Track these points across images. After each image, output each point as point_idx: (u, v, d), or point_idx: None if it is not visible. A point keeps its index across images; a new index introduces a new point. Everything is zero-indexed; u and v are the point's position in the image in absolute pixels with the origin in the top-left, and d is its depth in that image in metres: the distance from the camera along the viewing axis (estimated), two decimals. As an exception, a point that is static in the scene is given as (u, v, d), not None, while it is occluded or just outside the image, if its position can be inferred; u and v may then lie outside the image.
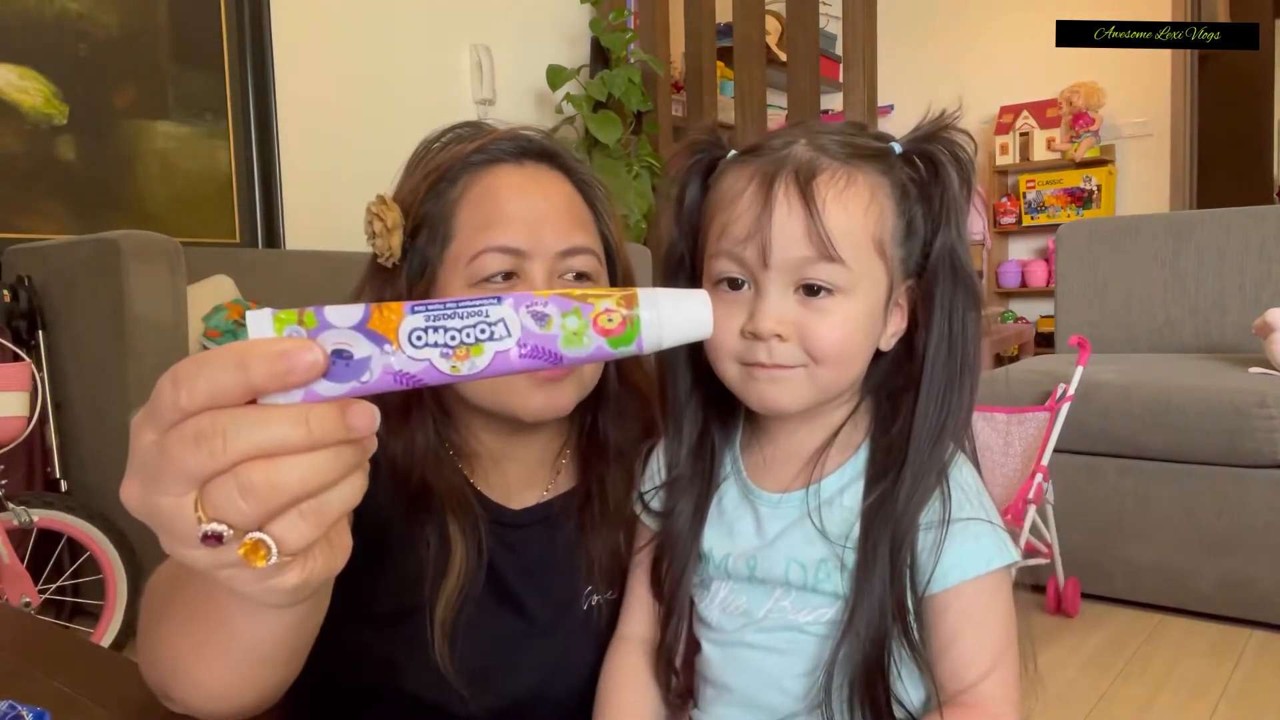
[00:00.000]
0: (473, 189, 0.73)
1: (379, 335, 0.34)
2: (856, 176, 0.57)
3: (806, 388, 0.58)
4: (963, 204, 0.59)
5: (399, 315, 0.34)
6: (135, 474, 0.36)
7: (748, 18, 3.31)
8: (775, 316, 0.56)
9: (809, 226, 0.55)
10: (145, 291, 1.88)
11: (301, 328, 0.34)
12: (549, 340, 0.35)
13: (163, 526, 0.36)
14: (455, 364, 0.35)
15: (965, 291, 0.59)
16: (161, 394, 0.35)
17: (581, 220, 0.75)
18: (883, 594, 0.56)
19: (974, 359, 0.59)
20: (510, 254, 0.70)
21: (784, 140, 0.59)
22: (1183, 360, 2.43)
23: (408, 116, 3.07)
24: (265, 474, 0.34)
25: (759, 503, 0.63)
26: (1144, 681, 1.77)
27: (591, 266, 0.74)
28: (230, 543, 0.35)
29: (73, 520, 1.86)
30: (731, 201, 0.59)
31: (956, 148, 0.59)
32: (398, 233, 0.72)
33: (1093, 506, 2.18)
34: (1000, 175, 5.32)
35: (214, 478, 0.34)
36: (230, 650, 0.48)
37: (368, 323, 0.34)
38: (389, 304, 0.35)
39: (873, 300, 0.58)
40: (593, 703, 0.70)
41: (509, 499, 0.77)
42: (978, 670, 0.56)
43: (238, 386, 0.33)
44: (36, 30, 2.34)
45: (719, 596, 0.64)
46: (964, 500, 0.58)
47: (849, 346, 0.58)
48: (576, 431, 0.81)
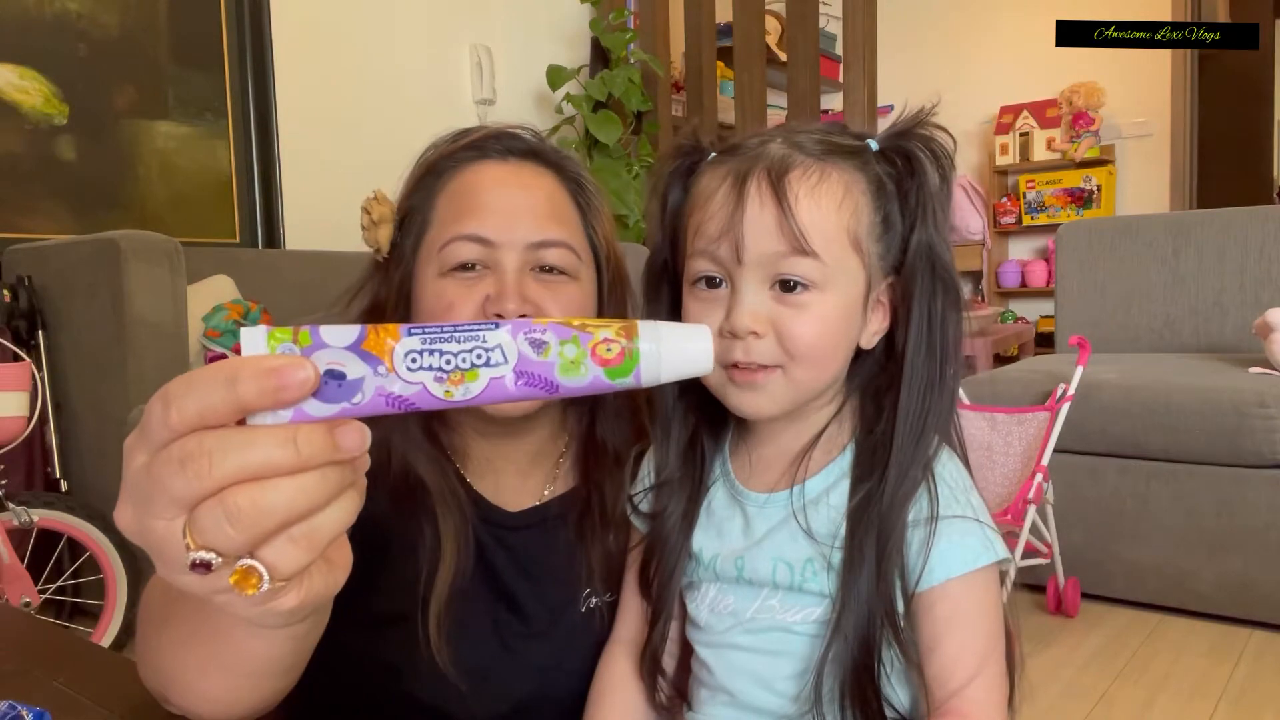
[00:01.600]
0: (453, 182, 0.74)
1: (373, 356, 0.34)
2: (830, 172, 0.57)
3: (784, 391, 0.58)
4: (941, 200, 0.59)
5: (395, 337, 0.34)
6: (128, 497, 0.36)
7: (748, 18, 3.31)
8: (751, 313, 0.56)
9: (780, 221, 0.55)
10: (145, 291, 1.88)
11: (295, 345, 0.33)
12: (546, 368, 0.34)
13: (154, 552, 0.36)
14: (449, 389, 0.34)
15: (944, 288, 0.59)
16: (151, 414, 0.34)
17: (561, 216, 0.74)
18: (870, 593, 0.56)
19: (955, 356, 0.59)
20: (479, 243, 0.70)
21: (760, 140, 0.60)
22: (1183, 360, 2.43)
23: (408, 116, 3.07)
24: (251, 498, 0.33)
25: (747, 503, 0.63)
26: (1144, 681, 1.77)
27: (566, 261, 0.73)
28: (220, 570, 0.34)
29: (73, 520, 1.86)
30: (706, 200, 0.59)
31: (933, 143, 0.59)
32: (385, 226, 0.72)
33: (1093, 506, 2.18)
34: (1000, 175, 5.32)
35: (201, 502, 0.33)
36: (231, 665, 0.48)
37: (363, 343, 0.34)
38: (385, 325, 0.34)
39: (849, 296, 0.58)
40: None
41: (506, 500, 0.77)
42: (964, 673, 0.56)
43: (227, 404, 0.33)
44: (36, 30, 2.34)
45: (708, 597, 0.64)
46: (951, 497, 0.58)
47: (825, 342, 0.58)
48: (575, 435, 0.81)
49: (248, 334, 0.33)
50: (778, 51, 4.21)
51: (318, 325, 0.34)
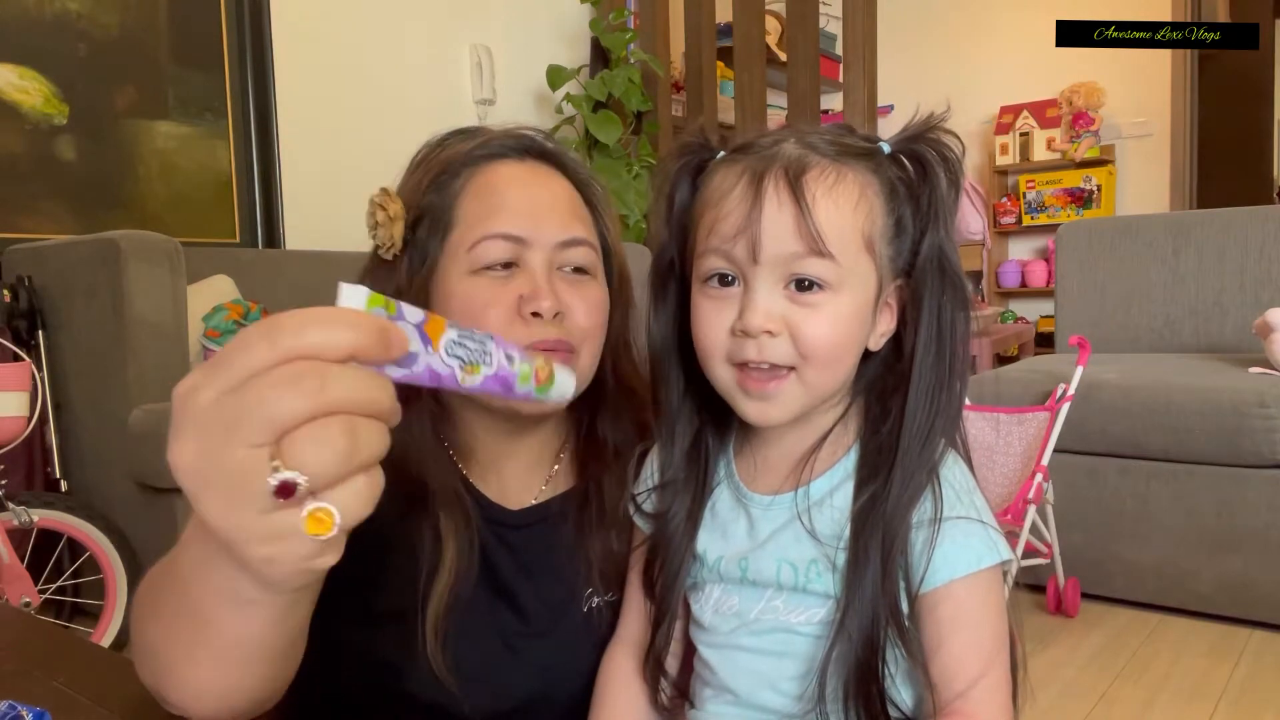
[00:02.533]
0: (474, 181, 0.74)
1: (428, 337, 0.40)
2: (846, 173, 0.58)
3: (797, 396, 0.58)
4: (950, 204, 0.59)
5: (442, 327, 0.41)
6: (190, 434, 0.36)
7: (748, 18, 3.31)
8: (764, 312, 0.56)
9: (799, 221, 0.55)
10: (145, 291, 1.88)
11: (386, 311, 0.39)
12: (511, 375, 0.44)
13: (225, 484, 0.36)
14: (464, 376, 0.42)
15: (954, 291, 0.59)
16: (243, 347, 0.35)
17: (581, 215, 0.76)
18: (874, 594, 0.56)
19: (963, 359, 0.59)
20: (511, 241, 0.71)
21: (773, 139, 0.60)
22: (1183, 360, 2.43)
23: (408, 116, 3.07)
24: (354, 429, 0.35)
25: (751, 505, 0.63)
26: (1144, 681, 1.77)
27: (589, 260, 0.74)
28: (302, 500, 0.35)
29: (73, 520, 1.86)
30: (721, 199, 0.59)
31: (944, 148, 0.59)
32: (399, 224, 0.72)
33: (1093, 506, 2.18)
34: (1000, 175, 5.32)
35: (304, 423, 0.35)
36: (217, 649, 0.48)
37: (424, 325, 0.40)
38: (436, 315, 0.41)
39: (862, 297, 0.58)
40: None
41: (507, 498, 0.77)
42: (967, 676, 0.56)
43: (346, 344, 0.35)
44: (36, 30, 2.34)
45: (712, 598, 0.64)
46: (955, 499, 0.58)
47: (839, 343, 0.58)
48: (574, 432, 0.81)
49: (349, 289, 0.38)
50: (778, 51, 4.21)
51: (400, 301, 0.39)
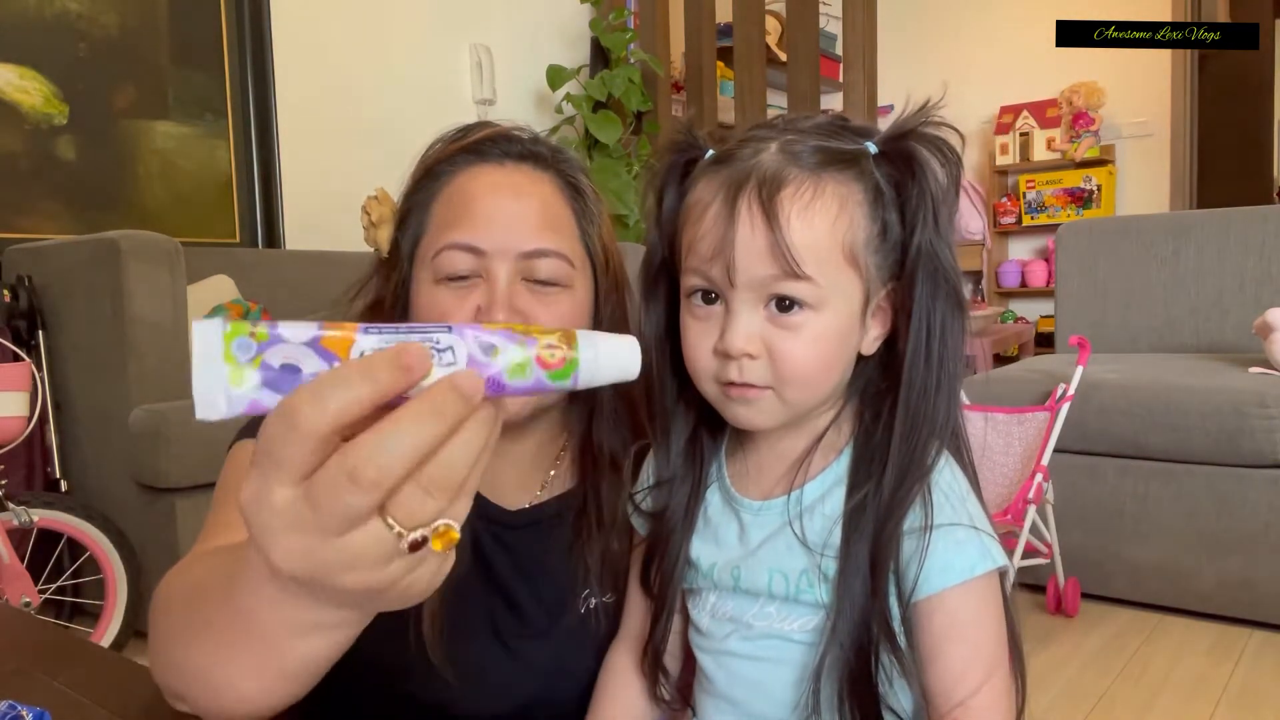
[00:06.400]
0: (450, 186, 0.73)
1: (330, 353, 0.35)
2: (825, 187, 0.56)
3: (778, 408, 0.58)
4: (943, 199, 0.57)
5: (351, 337, 0.35)
6: (286, 537, 0.35)
7: (748, 18, 3.31)
8: (744, 335, 0.56)
9: (772, 244, 0.54)
10: (145, 291, 1.88)
11: (252, 341, 0.34)
12: (495, 369, 0.36)
13: (351, 563, 0.35)
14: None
15: (945, 292, 0.57)
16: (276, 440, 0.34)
17: (556, 223, 0.73)
18: (864, 600, 0.56)
19: (956, 361, 0.58)
20: (470, 252, 0.69)
21: (754, 147, 0.58)
22: (1183, 360, 2.42)
23: (407, 116, 3.07)
24: (443, 463, 0.35)
25: (742, 510, 0.63)
26: (1144, 681, 1.77)
27: (559, 271, 0.72)
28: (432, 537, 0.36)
29: (73, 520, 1.86)
30: (699, 216, 0.58)
31: (938, 141, 0.57)
32: (385, 227, 0.72)
33: (1093, 506, 2.18)
34: (1000, 175, 5.32)
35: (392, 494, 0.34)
36: (279, 668, 0.46)
37: (320, 340, 0.35)
38: (343, 324, 0.36)
39: (846, 313, 0.57)
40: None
41: (504, 499, 0.77)
42: (967, 686, 0.55)
43: (372, 398, 0.34)
44: (36, 30, 2.34)
45: (709, 603, 0.64)
46: (945, 505, 0.56)
47: (817, 364, 0.57)
48: (572, 435, 0.81)
49: (201, 327, 0.34)
50: (778, 51, 4.21)
51: (276, 322, 0.35)
